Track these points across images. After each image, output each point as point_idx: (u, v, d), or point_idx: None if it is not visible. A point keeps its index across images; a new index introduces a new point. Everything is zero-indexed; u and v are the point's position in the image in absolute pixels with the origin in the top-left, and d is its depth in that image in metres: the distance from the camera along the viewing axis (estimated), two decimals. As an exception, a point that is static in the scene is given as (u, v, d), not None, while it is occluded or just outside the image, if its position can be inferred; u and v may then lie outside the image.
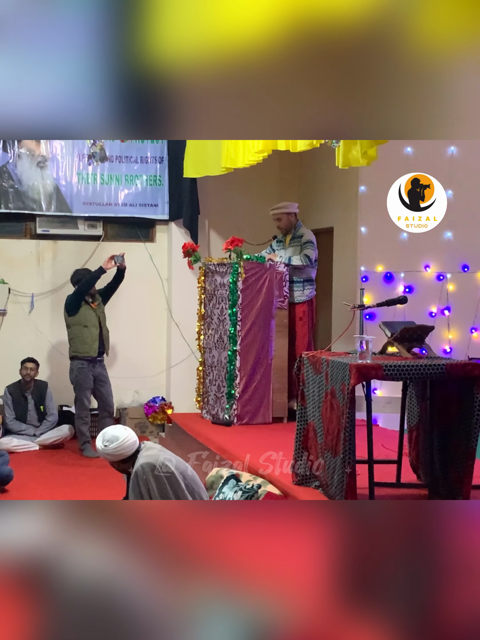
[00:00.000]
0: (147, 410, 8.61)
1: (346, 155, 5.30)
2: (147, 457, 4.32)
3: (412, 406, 4.92)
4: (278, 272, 7.23)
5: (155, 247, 8.86)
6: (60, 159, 8.44)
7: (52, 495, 6.02)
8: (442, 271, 7.82)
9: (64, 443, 7.89)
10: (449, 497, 4.37)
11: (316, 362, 4.73)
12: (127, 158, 8.61)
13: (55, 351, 8.45)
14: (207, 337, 7.53)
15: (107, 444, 4.34)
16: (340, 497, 4.27)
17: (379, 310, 7.24)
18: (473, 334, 7.84)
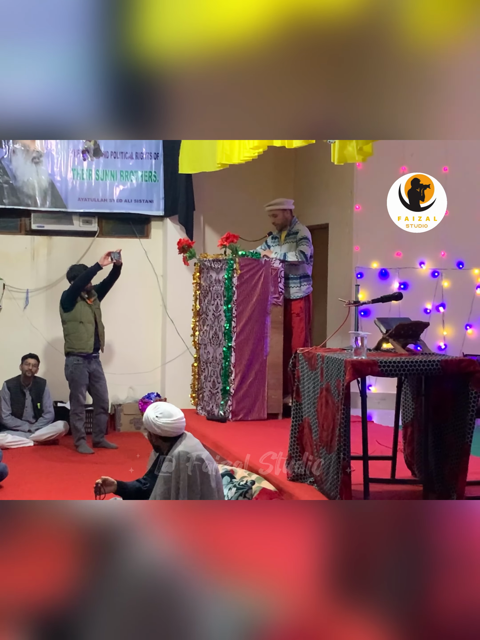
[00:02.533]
0: (142, 407, 8.60)
1: (342, 151, 5.31)
2: (186, 446, 4.34)
3: (406, 402, 4.93)
4: (273, 269, 7.23)
5: (150, 243, 8.85)
6: (55, 154, 8.42)
7: (47, 491, 6.02)
8: (437, 268, 7.83)
9: (58, 439, 7.88)
10: (443, 493, 4.38)
11: (311, 358, 4.73)
12: (122, 154, 8.59)
13: (50, 347, 8.44)
14: (202, 333, 7.53)
15: (159, 416, 4.35)
16: (335, 493, 4.27)
17: (374, 307, 7.25)
18: (468, 330, 7.85)
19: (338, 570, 2.71)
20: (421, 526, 2.79)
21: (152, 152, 8.63)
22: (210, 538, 2.81)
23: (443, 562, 2.69)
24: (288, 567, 2.73)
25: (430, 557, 2.70)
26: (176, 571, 2.69)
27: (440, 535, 2.75)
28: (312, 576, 2.70)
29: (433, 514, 2.86)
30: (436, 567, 2.68)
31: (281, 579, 2.70)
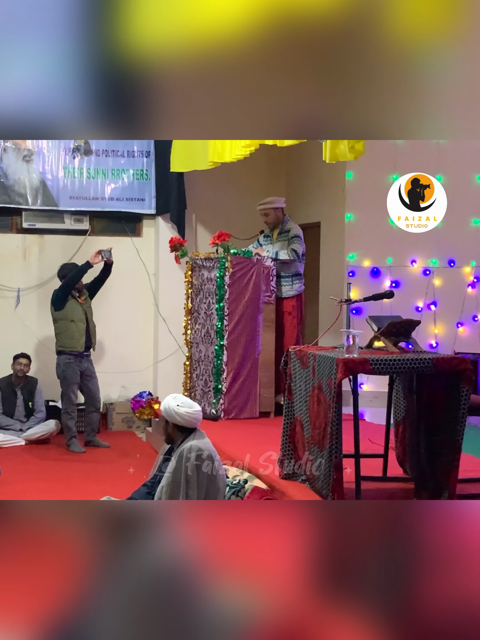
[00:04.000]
0: (134, 405, 8.60)
1: (333, 149, 5.31)
2: (199, 442, 4.43)
3: (398, 400, 4.93)
4: (265, 267, 7.23)
5: (142, 242, 8.83)
6: (46, 152, 8.40)
7: (39, 490, 6.00)
8: (429, 266, 7.84)
9: (50, 438, 7.86)
10: (435, 490, 4.38)
11: (303, 357, 4.74)
12: (114, 152, 8.58)
13: (41, 346, 8.42)
14: (194, 331, 7.52)
15: (180, 405, 4.45)
16: (327, 491, 4.28)
17: (365, 305, 7.26)
18: (459, 328, 7.87)
19: (326, 568, 2.74)
20: (407, 526, 2.81)
21: (143, 150, 8.62)
22: (208, 537, 2.82)
23: (429, 560, 2.71)
24: (278, 565, 2.74)
25: (416, 555, 2.73)
26: (177, 568, 2.71)
27: (426, 534, 2.77)
28: (301, 574, 2.73)
29: (419, 514, 2.88)
30: (422, 565, 2.70)
31: (272, 576, 2.72)
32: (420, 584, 2.66)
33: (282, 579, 2.70)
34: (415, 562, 2.70)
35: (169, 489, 4.33)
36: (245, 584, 2.68)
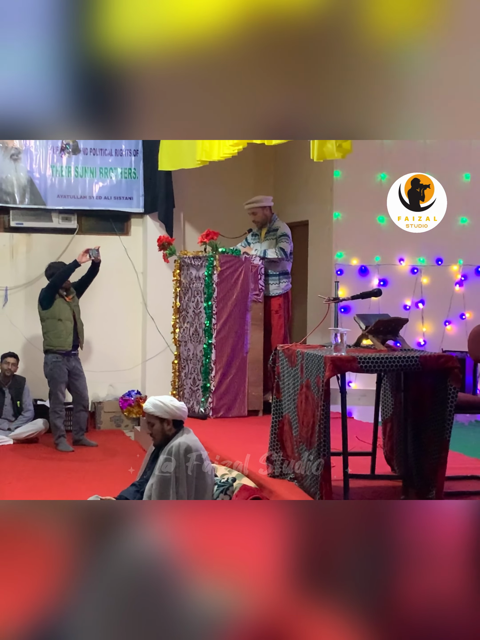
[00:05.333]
0: (122, 404, 8.59)
1: (321, 148, 5.32)
2: (187, 440, 4.47)
3: (386, 398, 4.95)
4: (253, 265, 7.24)
5: (130, 241, 8.82)
6: (34, 151, 8.38)
7: (27, 489, 5.99)
8: (416, 264, 7.86)
9: (38, 437, 7.84)
10: (422, 488, 4.40)
11: (291, 355, 4.74)
12: (102, 150, 8.56)
13: (29, 345, 8.39)
14: (183, 330, 7.52)
15: (170, 400, 4.59)
16: (315, 489, 4.29)
17: (353, 303, 7.27)
18: (447, 326, 7.90)
19: (306, 566, 2.77)
20: (387, 525, 2.84)
21: (131, 148, 8.61)
22: (189, 536, 2.83)
23: (408, 558, 2.73)
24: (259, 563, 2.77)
25: (395, 553, 2.75)
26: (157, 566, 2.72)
27: (406, 533, 2.80)
28: (281, 571, 2.75)
29: (400, 514, 2.90)
30: (401, 563, 2.73)
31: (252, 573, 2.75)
32: (399, 581, 2.69)
33: (262, 576, 2.72)
34: (394, 560, 2.73)
35: (158, 486, 4.34)
36: (225, 581, 2.70)
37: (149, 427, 4.59)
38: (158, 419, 4.54)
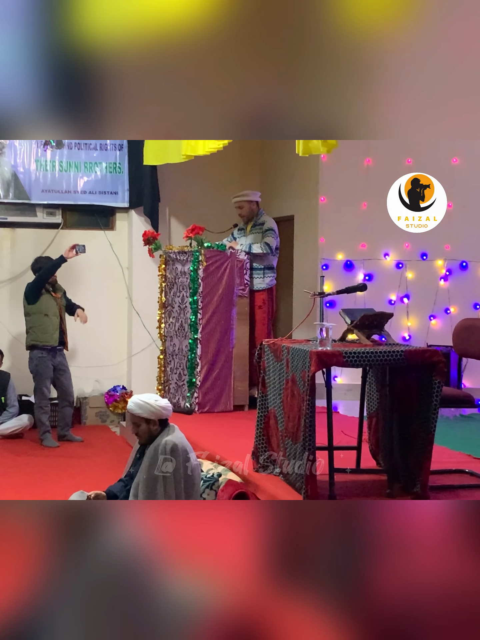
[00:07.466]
0: (107, 399, 8.57)
1: (306, 143, 5.32)
2: (174, 437, 4.42)
3: (371, 393, 4.96)
4: (239, 260, 7.24)
5: (115, 235, 8.79)
6: (18, 145, 8.33)
7: (12, 485, 5.97)
8: (402, 259, 7.88)
9: (23, 433, 7.81)
10: (407, 482, 4.42)
11: (277, 350, 4.74)
12: (86, 145, 8.52)
13: (14, 341, 8.36)
14: (168, 325, 7.51)
15: (157, 400, 4.51)
16: (301, 484, 4.29)
17: (339, 298, 7.28)
18: (432, 321, 7.93)
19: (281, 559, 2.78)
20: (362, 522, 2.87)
21: (116, 143, 8.57)
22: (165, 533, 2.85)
23: (383, 551, 2.76)
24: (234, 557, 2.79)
25: (369, 548, 2.79)
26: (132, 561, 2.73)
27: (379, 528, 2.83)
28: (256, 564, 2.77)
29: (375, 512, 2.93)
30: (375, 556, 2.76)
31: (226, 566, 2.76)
32: (373, 574, 2.72)
33: (237, 569, 2.75)
34: (369, 554, 2.76)
35: (145, 484, 4.31)
36: (200, 573, 2.72)
37: (134, 427, 4.53)
38: (144, 419, 4.45)
